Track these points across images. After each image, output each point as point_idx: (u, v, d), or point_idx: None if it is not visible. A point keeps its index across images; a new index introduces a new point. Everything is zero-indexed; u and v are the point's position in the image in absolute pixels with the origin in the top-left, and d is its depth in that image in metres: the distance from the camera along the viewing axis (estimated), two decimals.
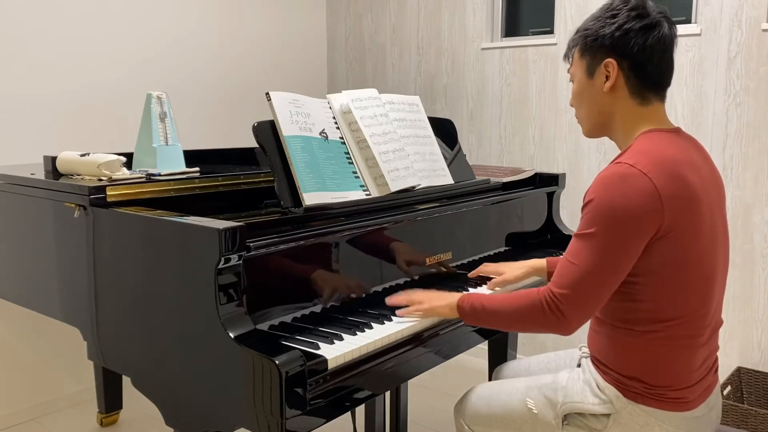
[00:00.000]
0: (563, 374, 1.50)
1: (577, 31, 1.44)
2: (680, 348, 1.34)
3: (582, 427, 1.42)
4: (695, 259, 1.31)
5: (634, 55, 1.36)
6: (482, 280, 1.86)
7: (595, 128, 1.47)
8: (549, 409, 1.46)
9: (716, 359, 1.46)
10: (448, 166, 2.06)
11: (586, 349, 1.52)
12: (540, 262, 1.81)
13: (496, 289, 1.78)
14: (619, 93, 1.40)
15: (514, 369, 1.79)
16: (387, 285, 1.70)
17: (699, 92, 2.66)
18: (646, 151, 1.31)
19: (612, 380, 1.39)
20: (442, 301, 1.54)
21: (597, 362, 1.43)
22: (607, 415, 1.39)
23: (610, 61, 1.38)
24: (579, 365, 1.52)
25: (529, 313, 1.35)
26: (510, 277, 1.77)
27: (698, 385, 1.38)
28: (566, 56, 1.48)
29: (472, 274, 1.86)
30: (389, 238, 1.71)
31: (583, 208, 1.32)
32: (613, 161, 1.34)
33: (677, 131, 1.41)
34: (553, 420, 1.45)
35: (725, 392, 2.50)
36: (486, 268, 1.84)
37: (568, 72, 1.49)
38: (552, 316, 1.31)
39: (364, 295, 1.64)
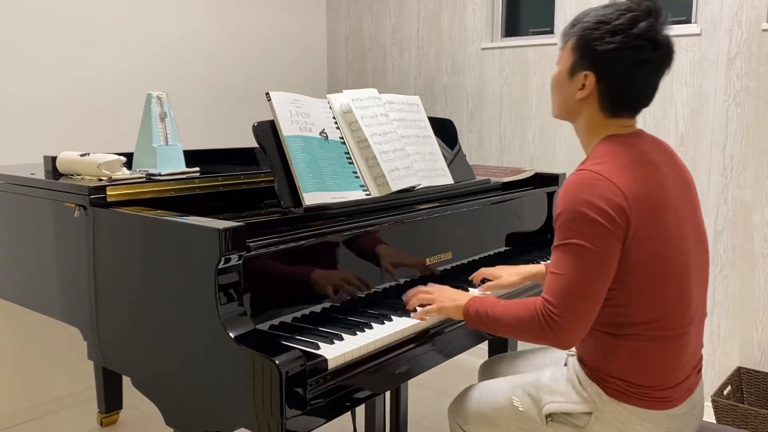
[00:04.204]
0: (546, 372, 1.51)
1: (583, 23, 1.37)
2: (663, 349, 1.35)
3: (565, 423, 1.43)
4: (664, 258, 1.31)
5: (613, 80, 1.35)
6: (483, 281, 1.86)
7: (561, 117, 1.48)
8: (533, 406, 1.48)
9: (701, 358, 1.47)
10: (448, 166, 2.06)
11: (574, 348, 1.52)
12: (538, 268, 1.81)
13: (487, 292, 1.77)
14: (589, 104, 1.40)
15: (499, 365, 1.80)
16: (387, 285, 1.70)
17: (699, 92, 2.66)
18: (607, 155, 1.33)
19: (595, 378, 1.40)
20: (451, 302, 1.54)
21: (582, 361, 1.45)
22: (589, 413, 1.40)
23: (590, 75, 1.36)
24: (566, 364, 1.53)
25: (527, 324, 1.34)
26: (505, 282, 1.78)
27: (682, 384, 1.39)
28: (564, 36, 1.43)
29: (472, 277, 1.86)
30: (389, 238, 1.71)
31: (555, 222, 1.33)
32: (576, 169, 1.34)
33: (638, 134, 1.41)
34: (538, 417, 1.47)
35: (725, 392, 2.50)
36: (484, 271, 1.83)
37: (559, 50, 1.45)
38: (547, 328, 1.30)
39: (364, 295, 1.64)
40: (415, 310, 1.59)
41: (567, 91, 1.42)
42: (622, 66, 1.33)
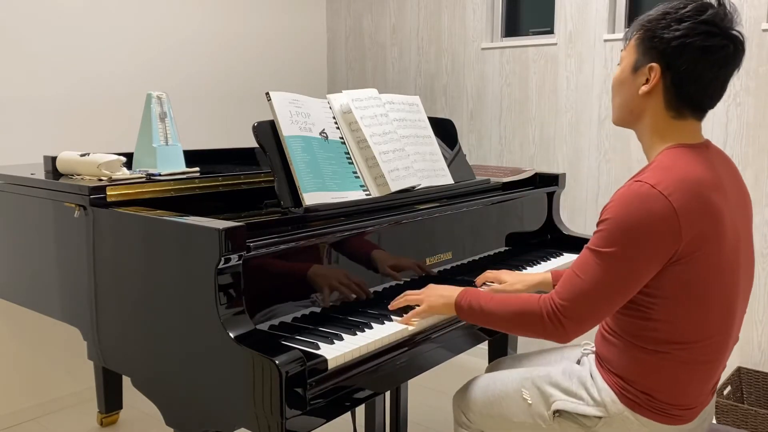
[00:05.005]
0: (558, 368, 1.50)
1: (647, 17, 1.33)
2: (695, 372, 1.32)
3: (572, 421, 1.43)
4: (712, 283, 1.27)
5: (680, 72, 1.28)
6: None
7: (623, 122, 1.41)
8: (542, 401, 1.47)
9: (719, 379, 1.45)
10: (448, 166, 2.06)
11: (589, 347, 1.51)
12: (543, 276, 1.77)
13: None
14: (653, 100, 1.33)
15: (509, 365, 1.79)
16: (387, 285, 1.70)
17: None
18: (670, 169, 1.25)
19: (613, 384, 1.38)
20: (440, 298, 1.52)
21: (602, 363, 1.42)
22: (599, 417, 1.39)
23: (655, 67, 1.30)
24: (579, 362, 1.52)
25: (527, 318, 1.34)
26: (509, 290, 1.74)
27: (701, 406, 1.38)
28: (626, 38, 1.38)
29: (477, 280, 1.84)
30: (389, 238, 1.70)
31: (598, 224, 1.29)
32: (634, 177, 1.28)
33: (706, 146, 1.34)
34: (546, 412, 1.46)
35: (725, 392, 2.50)
36: (489, 275, 1.81)
37: (621, 51, 1.40)
38: (550, 324, 1.30)
39: (364, 295, 1.64)
40: (401, 317, 1.55)
41: (630, 88, 1.35)
42: (689, 53, 1.26)
